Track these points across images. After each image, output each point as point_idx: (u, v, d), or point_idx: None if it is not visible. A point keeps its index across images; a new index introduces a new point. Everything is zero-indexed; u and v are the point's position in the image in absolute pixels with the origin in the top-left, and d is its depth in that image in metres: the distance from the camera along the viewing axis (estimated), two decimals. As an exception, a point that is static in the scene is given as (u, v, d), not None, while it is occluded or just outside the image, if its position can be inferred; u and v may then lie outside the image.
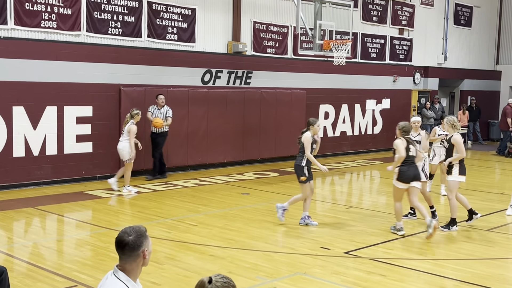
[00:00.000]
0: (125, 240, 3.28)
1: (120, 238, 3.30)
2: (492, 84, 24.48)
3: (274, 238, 8.65)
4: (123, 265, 3.32)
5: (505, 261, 7.68)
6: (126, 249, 3.28)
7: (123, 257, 3.31)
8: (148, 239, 3.36)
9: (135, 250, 3.28)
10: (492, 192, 13.11)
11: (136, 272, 3.35)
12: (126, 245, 3.27)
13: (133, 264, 3.31)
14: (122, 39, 13.30)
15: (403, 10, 20.44)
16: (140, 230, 3.34)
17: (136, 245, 3.28)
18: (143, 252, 3.31)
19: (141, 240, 3.30)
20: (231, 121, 15.26)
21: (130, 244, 3.27)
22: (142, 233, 3.33)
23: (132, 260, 3.30)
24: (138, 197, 11.40)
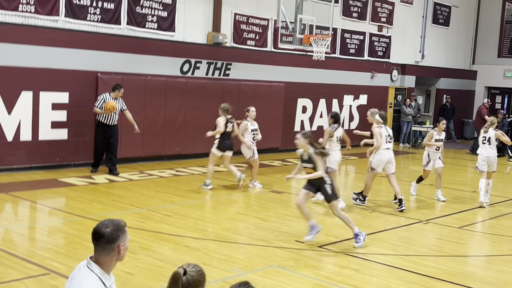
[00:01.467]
0: (102, 231, 3.23)
1: (97, 229, 3.26)
2: (467, 83, 24.82)
3: (248, 231, 8.68)
4: (97, 257, 3.28)
5: (475, 258, 7.84)
6: (101, 241, 3.23)
7: (97, 248, 3.26)
8: (126, 234, 3.31)
9: (110, 243, 3.24)
10: (464, 190, 13.33)
11: (110, 266, 3.31)
12: (102, 236, 3.23)
13: (107, 257, 3.26)
14: (101, 26, 13.15)
15: (383, 7, 20.58)
16: (119, 224, 3.30)
17: (112, 238, 3.23)
18: (118, 247, 3.26)
19: (118, 234, 3.25)
20: (209, 112, 15.19)
21: (106, 236, 3.23)
22: (120, 227, 3.28)
23: (106, 253, 3.25)
24: (113, 185, 11.33)
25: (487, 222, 9.92)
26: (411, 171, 16.18)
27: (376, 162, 10.65)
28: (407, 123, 21.07)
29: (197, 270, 3.09)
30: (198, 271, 3.09)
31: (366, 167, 10.85)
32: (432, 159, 11.50)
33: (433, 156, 11.46)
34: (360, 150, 14.73)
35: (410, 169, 16.75)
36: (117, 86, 12.28)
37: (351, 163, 16.70)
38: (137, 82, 13.61)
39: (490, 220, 10.13)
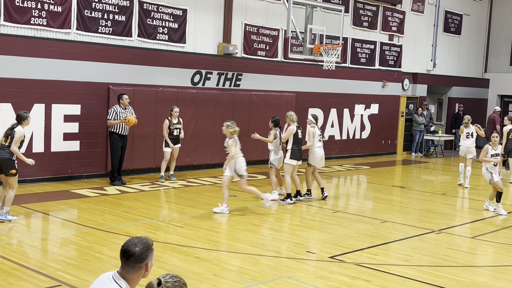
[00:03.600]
0: (132, 251, 3.27)
1: (127, 248, 3.30)
2: (480, 92, 24.67)
3: (260, 241, 8.66)
4: (125, 274, 3.30)
5: (488, 268, 7.75)
6: (131, 259, 3.27)
7: (126, 266, 3.30)
8: (153, 252, 3.37)
9: (139, 262, 3.28)
10: (477, 199, 13.20)
11: (136, 282, 3.35)
12: (132, 256, 3.27)
13: (135, 275, 3.31)
14: (112, 38, 13.25)
15: (393, 16, 20.56)
16: (148, 242, 3.35)
17: (141, 257, 3.28)
18: (146, 265, 3.31)
19: (147, 253, 3.31)
20: (220, 123, 15.12)
21: (137, 255, 3.27)
22: (149, 246, 3.34)
23: (134, 271, 3.30)
24: (124, 197, 11.36)
25: (500, 232, 9.81)
26: (423, 180, 16.10)
27: (312, 159, 11.73)
28: (419, 132, 20.96)
29: (174, 280, 3.11)
30: (175, 282, 3.11)
31: (378, 176, 10.77)
32: (493, 173, 11.12)
33: (493, 171, 11.12)
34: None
35: (422, 178, 16.65)
36: (119, 96, 12.44)
37: (362, 172, 16.63)
38: (148, 94, 13.69)
39: (503, 229, 10.02)
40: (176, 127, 13.10)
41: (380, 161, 19.22)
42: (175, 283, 3.10)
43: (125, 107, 12.40)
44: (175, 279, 3.13)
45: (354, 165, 17.83)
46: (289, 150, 11.33)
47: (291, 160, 11.28)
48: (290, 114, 11.59)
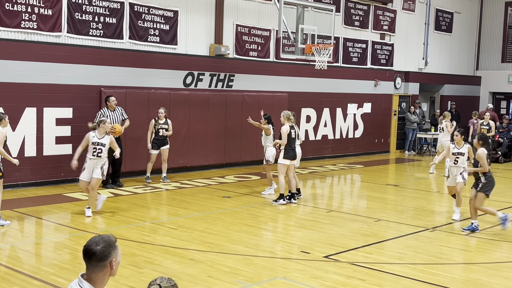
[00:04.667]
0: (93, 249, 3.19)
1: (88, 247, 3.21)
2: (472, 89, 24.76)
3: (254, 242, 8.65)
4: (89, 274, 3.22)
5: (482, 265, 7.76)
6: (93, 259, 3.19)
7: (90, 266, 3.21)
8: (117, 249, 3.27)
9: (102, 260, 3.19)
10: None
11: (103, 282, 3.26)
12: (93, 254, 3.18)
13: (99, 274, 3.22)
14: (103, 40, 13.21)
15: (384, 15, 20.60)
16: (110, 239, 3.24)
17: (103, 255, 3.19)
18: (110, 263, 3.22)
19: (109, 251, 3.21)
20: (213, 124, 15.25)
21: (98, 254, 3.18)
22: (111, 243, 3.23)
23: (98, 270, 3.21)
24: (118, 199, 11.32)
25: (494, 229, 9.84)
26: (417, 178, 16.14)
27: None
28: (412, 131, 21.01)
29: (172, 284, 3.10)
30: (173, 286, 3.10)
31: (371, 175, 10.77)
32: (452, 174, 10.50)
33: (453, 170, 10.45)
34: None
35: (415, 176, 16.70)
36: (106, 98, 12.41)
37: (356, 171, 16.65)
38: (140, 96, 13.65)
39: (498, 226, 10.04)
40: (162, 127, 13.01)
41: (373, 159, 19.25)
42: (172, 287, 3.09)
43: (113, 109, 12.34)
44: (172, 283, 3.12)
45: (348, 164, 17.84)
46: (282, 149, 11.28)
47: (285, 160, 11.25)
48: (286, 113, 11.54)
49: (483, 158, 9.21)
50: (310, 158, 17.88)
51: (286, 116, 11.41)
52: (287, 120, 11.37)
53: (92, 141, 9.76)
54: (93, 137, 9.79)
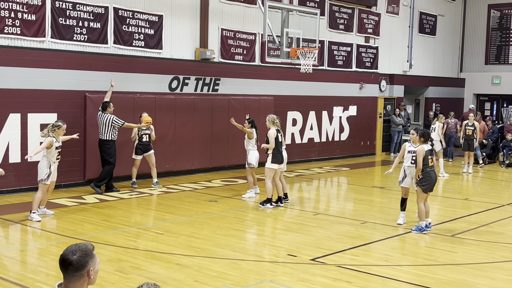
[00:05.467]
0: (69, 259, 3.14)
1: (64, 257, 3.15)
2: (456, 91, 24.97)
3: (241, 246, 8.64)
4: (67, 284, 3.17)
5: (468, 266, 7.82)
6: (70, 268, 3.14)
7: (67, 276, 3.16)
8: (95, 258, 3.22)
9: (79, 270, 3.14)
10: (457, 198, 13.35)
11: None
12: (70, 264, 3.14)
13: (77, 284, 3.16)
14: (87, 45, 13.15)
15: (369, 18, 20.72)
16: (86, 248, 3.20)
17: (80, 264, 3.14)
18: (88, 272, 3.17)
19: (86, 260, 3.16)
20: (199, 128, 15.23)
21: (75, 263, 3.13)
22: (88, 252, 3.19)
23: (76, 280, 3.15)
24: (103, 205, 11.26)
25: (479, 230, 9.92)
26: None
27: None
28: (397, 133, 21.15)
29: None
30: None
31: (358, 177, 10.83)
32: (408, 175, 10.05)
33: (409, 171, 10.01)
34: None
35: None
36: (108, 103, 12.36)
37: (342, 174, 16.70)
38: (125, 100, 13.60)
39: (482, 227, 10.14)
40: (145, 132, 12.99)
41: (359, 162, 19.33)
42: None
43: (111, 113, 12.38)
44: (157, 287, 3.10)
45: (334, 167, 17.89)
46: (270, 154, 11.26)
47: (273, 164, 11.24)
48: (271, 117, 11.54)
49: (420, 155, 9.29)
50: (296, 161, 17.91)
51: (271, 120, 11.41)
52: (272, 124, 11.35)
53: (56, 145, 9.93)
54: (56, 142, 9.93)
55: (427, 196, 9.62)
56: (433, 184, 9.57)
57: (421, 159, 9.31)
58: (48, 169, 9.91)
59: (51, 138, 9.85)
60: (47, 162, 9.92)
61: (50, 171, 9.94)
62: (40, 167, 9.97)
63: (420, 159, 9.31)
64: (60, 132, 10.00)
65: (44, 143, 9.87)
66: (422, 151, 9.34)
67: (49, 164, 9.93)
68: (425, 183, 9.43)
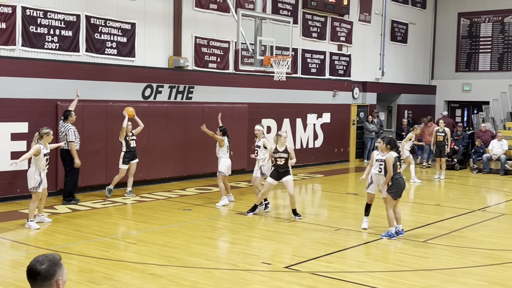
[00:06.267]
0: (37, 269, 3.11)
1: (32, 267, 3.13)
2: (427, 98, 25.33)
3: (215, 255, 8.62)
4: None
5: (439, 271, 7.92)
6: (38, 278, 3.11)
7: (34, 287, 3.14)
8: (63, 268, 3.19)
9: (48, 280, 3.11)
10: (428, 203, 13.52)
11: None
12: (38, 274, 3.10)
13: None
14: (59, 53, 13.03)
15: (341, 26, 20.92)
16: (54, 258, 3.18)
17: (49, 274, 3.11)
18: (56, 282, 3.14)
19: (55, 269, 3.14)
20: (173, 136, 15.17)
21: (43, 273, 3.10)
22: (55, 262, 3.16)
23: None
24: (76, 215, 11.12)
25: (450, 235, 10.06)
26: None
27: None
28: (370, 140, 21.35)
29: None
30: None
31: (332, 184, 10.90)
32: (374, 182, 10.06)
33: (376, 178, 10.01)
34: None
35: (375, 185, 16.91)
36: (69, 112, 12.04)
37: (316, 181, 16.78)
38: (98, 109, 13.49)
39: (454, 232, 10.28)
40: (132, 138, 12.91)
41: (333, 169, 19.45)
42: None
43: (73, 123, 12.07)
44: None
45: (308, 174, 17.97)
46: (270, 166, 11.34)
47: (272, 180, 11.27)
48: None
49: (390, 163, 9.37)
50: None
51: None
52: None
53: (44, 152, 9.86)
54: (43, 149, 9.87)
55: (397, 203, 9.71)
56: (402, 191, 9.65)
57: (391, 166, 9.40)
58: (38, 176, 9.89)
59: (39, 145, 9.83)
60: (37, 170, 9.89)
61: (40, 178, 9.90)
62: (30, 176, 9.97)
63: (391, 166, 9.40)
64: (48, 139, 9.98)
65: (31, 150, 9.86)
66: (391, 158, 9.43)
67: (38, 172, 9.89)
68: (394, 190, 9.52)
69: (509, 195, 14.90)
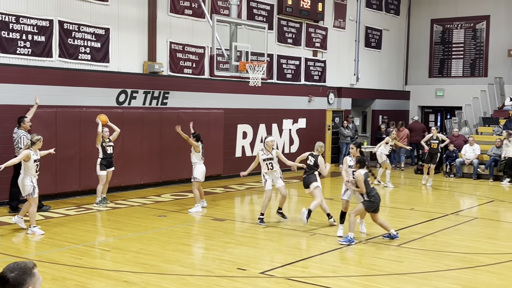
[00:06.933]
0: (6, 276, 3.01)
1: (1, 275, 3.03)
2: (401, 103, 25.61)
3: (190, 261, 8.57)
4: None
5: (413, 275, 7.98)
6: (6, 287, 3.02)
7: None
8: (35, 277, 3.09)
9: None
10: (402, 208, 13.63)
11: None
12: (6, 282, 3.01)
13: None
14: (32, 59, 12.86)
15: (316, 32, 21.05)
16: (26, 266, 3.08)
17: (17, 282, 3.01)
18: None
19: (24, 278, 3.04)
20: (148, 142, 15.07)
21: (11, 281, 3.00)
22: (26, 270, 3.07)
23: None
24: (48, 222, 10.96)
25: (424, 239, 10.15)
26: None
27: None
28: (346, 144, 21.47)
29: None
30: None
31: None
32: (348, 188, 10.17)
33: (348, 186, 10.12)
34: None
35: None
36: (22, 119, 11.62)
37: (292, 186, 16.81)
38: (71, 115, 13.34)
39: (427, 236, 10.38)
40: (108, 144, 12.78)
41: (309, 174, 19.45)
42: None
43: (26, 129, 11.64)
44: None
45: (285, 179, 17.88)
46: None
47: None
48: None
49: (360, 181, 9.40)
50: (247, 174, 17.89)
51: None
52: None
53: (34, 158, 9.88)
54: (33, 155, 9.89)
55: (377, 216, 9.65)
56: (377, 205, 9.58)
57: (363, 184, 9.43)
58: (30, 182, 9.88)
59: (28, 151, 9.84)
60: (28, 177, 9.89)
61: (33, 184, 9.90)
62: (22, 183, 9.93)
63: (362, 184, 9.43)
64: (38, 145, 10.01)
65: (20, 155, 9.84)
66: (360, 177, 9.44)
67: (30, 178, 9.88)
68: (370, 204, 9.49)
69: (482, 199, 15.12)
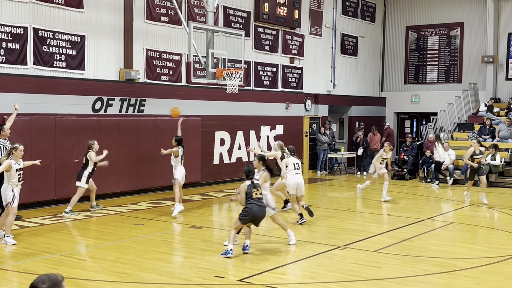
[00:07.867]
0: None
1: (34, 285, 3.22)
2: (377, 110, 25.83)
3: (168, 270, 8.50)
4: None
5: (391, 280, 8.03)
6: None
7: None
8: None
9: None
10: (379, 213, 13.73)
11: None
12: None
13: None
14: (6, 66, 12.70)
15: (293, 39, 21.16)
16: (56, 279, 3.28)
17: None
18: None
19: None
20: (125, 150, 14.95)
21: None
22: (56, 282, 3.27)
23: None
24: (23, 231, 10.80)
25: (401, 244, 10.23)
26: (329, 197, 16.55)
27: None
28: (323, 151, 21.61)
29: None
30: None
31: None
32: None
33: None
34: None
35: (328, 195, 17.11)
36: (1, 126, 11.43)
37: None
38: (46, 123, 13.18)
39: (404, 241, 10.46)
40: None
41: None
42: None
43: (5, 137, 11.44)
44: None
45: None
46: None
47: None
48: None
49: (242, 191, 9.38)
50: (225, 181, 17.89)
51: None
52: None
53: (16, 167, 9.78)
54: (15, 164, 9.79)
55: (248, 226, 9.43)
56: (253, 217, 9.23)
57: (243, 196, 9.34)
58: (11, 192, 9.76)
59: (10, 161, 9.70)
60: (9, 186, 9.79)
61: (13, 193, 9.77)
62: (3, 192, 9.86)
63: (242, 195, 9.38)
64: (18, 154, 9.84)
65: (3, 165, 9.65)
66: (243, 187, 9.42)
67: (11, 188, 9.76)
68: (244, 215, 9.29)
69: (458, 204, 15.29)
